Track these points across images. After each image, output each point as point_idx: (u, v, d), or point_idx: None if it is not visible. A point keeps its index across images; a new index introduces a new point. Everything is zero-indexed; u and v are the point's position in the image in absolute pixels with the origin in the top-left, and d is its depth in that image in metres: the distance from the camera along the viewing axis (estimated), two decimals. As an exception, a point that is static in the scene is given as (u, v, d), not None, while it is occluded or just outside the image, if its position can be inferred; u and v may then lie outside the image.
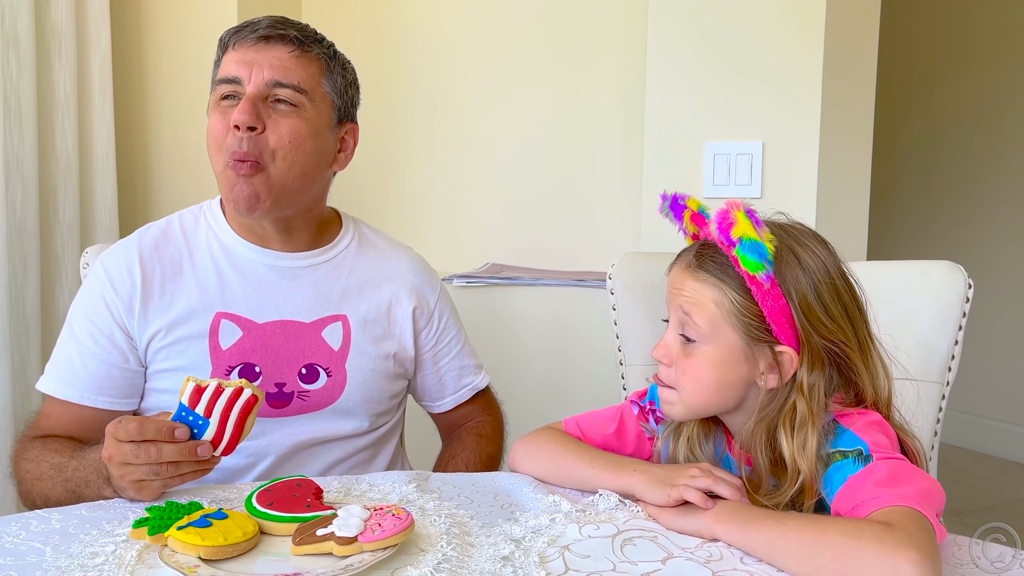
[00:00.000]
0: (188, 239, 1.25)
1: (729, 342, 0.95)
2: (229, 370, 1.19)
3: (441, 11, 2.45)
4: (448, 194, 2.49)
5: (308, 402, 1.22)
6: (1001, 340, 3.41)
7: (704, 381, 0.97)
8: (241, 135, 1.14)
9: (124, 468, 0.95)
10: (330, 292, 1.26)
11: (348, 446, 1.27)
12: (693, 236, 1.03)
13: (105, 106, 2.27)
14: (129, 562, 0.81)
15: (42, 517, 0.92)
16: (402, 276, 1.33)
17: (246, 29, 1.18)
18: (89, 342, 1.20)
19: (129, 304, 1.19)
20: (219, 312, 1.20)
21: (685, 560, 0.81)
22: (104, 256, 1.24)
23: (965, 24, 3.48)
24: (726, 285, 0.94)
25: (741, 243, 0.91)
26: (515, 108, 2.38)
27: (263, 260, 1.24)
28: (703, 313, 0.95)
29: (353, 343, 1.25)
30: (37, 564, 0.80)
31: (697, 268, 0.97)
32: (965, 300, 1.31)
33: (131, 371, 1.21)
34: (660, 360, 1.00)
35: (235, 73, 1.16)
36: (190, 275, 1.22)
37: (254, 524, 0.85)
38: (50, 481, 1.11)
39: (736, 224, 0.91)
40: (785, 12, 1.88)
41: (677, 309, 0.98)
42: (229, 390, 0.96)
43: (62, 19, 2.14)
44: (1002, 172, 3.43)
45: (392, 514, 0.83)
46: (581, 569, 0.79)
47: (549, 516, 0.90)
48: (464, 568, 0.79)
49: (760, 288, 0.92)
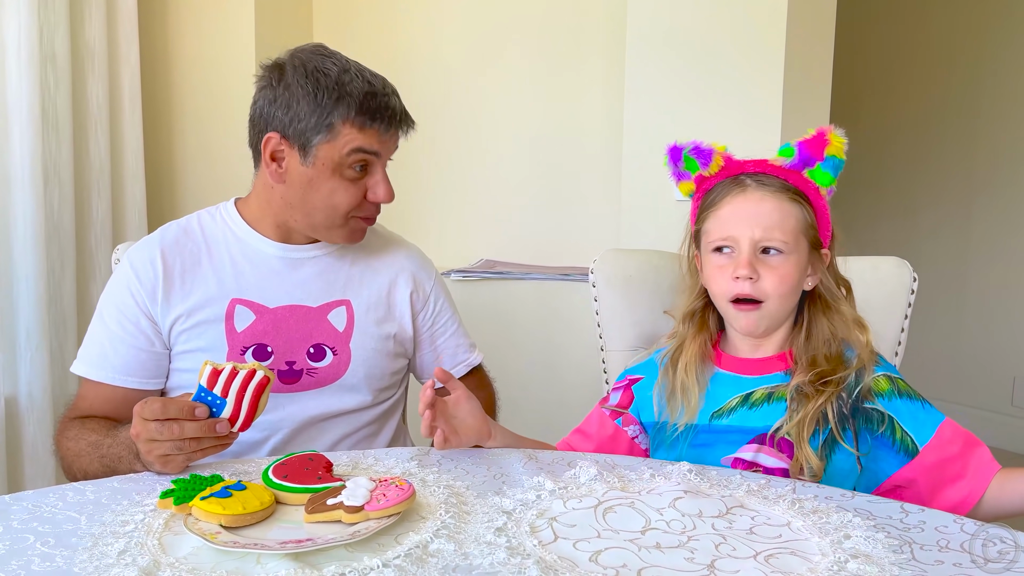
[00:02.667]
0: (206, 235, 1.26)
1: (803, 249, 1.03)
2: (244, 350, 1.20)
3: (438, 21, 2.44)
4: (445, 197, 2.48)
5: (316, 378, 1.23)
6: (942, 326, 3.42)
7: (793, 285, 1.03)
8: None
9: (150, 444, 0.94)
10: (335, 279, 1.27)
11: (354, 420, 1.27)
12: (702, 179, 1.07)
13: (134, 116, 2.26)
14: (157, 529, 0.80)
15: (77, 489, 0.91)
16: (400, 264, 1.34)
17: (389, 114, 1.19)
18: (118, 328, 1.20)
19: (152, 293, 1.19)
20: (234, 298, 1.21)
21: (663, 532, 0.81)
22: (130, 252, 1.24)
23: (908, 43, 3.49)
24: (804, 201, 1.03)
25: (827, 160, 0.96)
26: (504, 124, 2.37)
27: (274, 252, 1.25)
28: (786, 228, 1.01)
29: (356, 325, 1.26)
30: (73, 531, 0.79)
31: (773, 188, 1.03)
32: (911, 291, 1.31)
33: (156, 353, 1.21)
34: (749, 275, 1.02)
35: (377, 148, 1.19)
36: (208, 266, 1.22)
37: (270, 495, 0.85)
38: (88, 457, 1.11)
39: (832, 143, 0.99)
40: (749, 33, 1.87)
41: (752, 231, 1.02)
42: (243, 372, 0.96)
43: (95, 37, 2.13)
44: (941, 174, 3.44)
45: (396, 485, 0.83)
46: (569, 537, 0.79)
47: (536, 493, 0.90)
48: (461, 534, 0.79)
49: (822, 201, 1.02)
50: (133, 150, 2.26)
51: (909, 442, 1.00)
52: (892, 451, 1.01)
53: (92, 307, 2.16)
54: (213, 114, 2.45)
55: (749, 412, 1.05)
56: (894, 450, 1.01)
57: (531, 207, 2.36)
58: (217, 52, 2.43)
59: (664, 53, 1.96)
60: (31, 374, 1.95)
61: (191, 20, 2.44)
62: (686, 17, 1.92)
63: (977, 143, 3.32)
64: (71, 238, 2.06)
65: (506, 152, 2.38)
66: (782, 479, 0.96)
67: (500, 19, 2.36)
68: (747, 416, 1.05)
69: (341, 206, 1.19)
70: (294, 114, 1.15)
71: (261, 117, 1.19)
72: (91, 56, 2.12)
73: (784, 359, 1.07)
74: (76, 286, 2.10)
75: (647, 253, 1.46)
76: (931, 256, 3.45)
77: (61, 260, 2.04)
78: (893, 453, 1.01)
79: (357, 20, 2.56)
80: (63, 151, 2.03)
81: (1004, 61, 3.22)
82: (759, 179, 1.03)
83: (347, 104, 1.15)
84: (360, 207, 1.21)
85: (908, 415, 1.01)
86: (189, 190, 2.50)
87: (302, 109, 1.15)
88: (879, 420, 1.02)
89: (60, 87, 2.02)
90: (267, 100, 1.18)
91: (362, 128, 1.16)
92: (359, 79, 1.17)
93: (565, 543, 0.78)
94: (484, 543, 0.77)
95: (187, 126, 2.49)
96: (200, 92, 2.46)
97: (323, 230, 1.22)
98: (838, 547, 0.77)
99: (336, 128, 1.15)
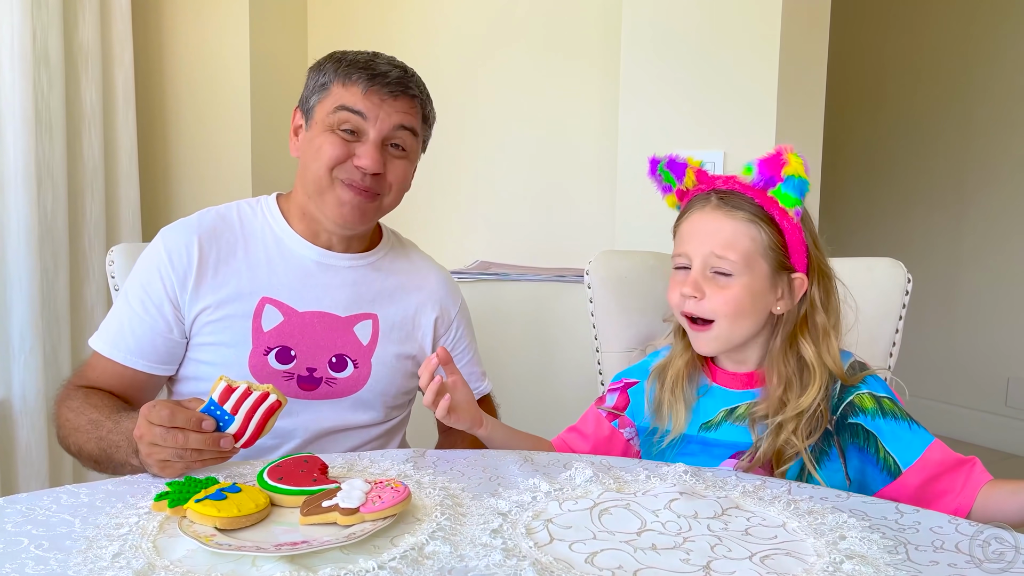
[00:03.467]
0: (244, 227, 1.24)
1: (760, 273, 0.99)
2: (268, 351, 1.19)
3: (432, 23, 2.44)
4: (441, 198, 2.48)
5: (334, 388, 1.22)
6: (936, 327, 3.43)
7: (742, 309, 1.00)
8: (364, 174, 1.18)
9: (152, 448, 0.94)
10: (366, 292, 1.26)
11: (364, 435, 1.27)
12: (683, 193, 1.05)
13: (128, 117, 2.25)
14: (151, 532, 0.79)
15: (71, 492, 0.90)
16: (430, 288, 1.33)
17: (372, 72, 1.17)
18: (140, 309, 1.18)
19: (183, 279, 1.18)
20: (264, 297, 1.20)
21: (659, 533, 0.81)
22: (166, 232, 1.22)
23: (905, 48, 3.50)
24: (761, 221, 0.99)
25: (788, 181, 0.94)
26: (500, 125, 2.37)
27: (311, 256, 1.24)
28: (739, 248, 0.98)
29: (380, 341, 1.25)
30: (67, 534, 0.79)
31: (730, 207, 1.00)
32: (905, 293, 1.32)
33: (173, 341, 1.19)
34: (692, 294, 1.00)
35: (360, 108, 1.17)
36: (243, 260, 1.21)
37: (266, 497, 0.85)
38: (86, 435, 1.10)
39: (789, 164, 0.95)
40: (745, 35, 1.87)
41: (706, 250, 1.00)
42: (256, 393, 0.96)
43: (88, 38, 2.12)
44: (933, 176, 3.46)
45: (391, 487, 0.82)
46: (564, 538, 0.79)
47: (531, 494, 0.90)
48: (457, 536, 0.79)
49: (791, 222, 0.98)
50: (127, 151, 2.25)
51: (892, 463, 0.99)
52: (876, 468, 1.01)
53: (86, 307, 2.18)
54: (208, 115, 2.44)
55: (732, 427, 1.05)
56: (878, 468, 1.01)
57: (526, 208, 2.36)
58: (212, 53, 2.42)
59: (659, 54, 1.96)
60: (24, 376, 1.94)
61: (185, 20, 2.43)
62: (681, 18, 1.92)
63: (969, 146, 3.34)
64: (64, 240, 2.05)
65: (502, 153, 2.38)
66: (778, 480, 0.96)
67: (495, 19, 2.35)
68: (731, 431, 1.05)
69: (324, 158, 1.17)
70: (306, 86, 1.23)
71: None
72: (85, 57, 2.11)
73: (760, 378, 1.06)
74: (69, 288, 2.09)
75: (642, 254, 1.46)
76: (924, 258, 3.46)
77: (54, 262, 2.03)
78: (878, 471, 1.01)
79: (352, 21, 2.56)
80: (56, 152, 2.02)
81: (996, 65, 3.23)
82: (724, 197, 1.01)
83: (342, 65, 1.19)
84: (343, 167, 1.18)
85: (891, 436, 1.00)
86: (183, 191, 2.49)
87: (311, 80, 1.22)
88: (864, 436, 1.01)
89: (53, 88, 2.01)
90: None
91: (345, 84, 1.17)
92: (369, 54, 1.21)
93: (561, 544, 0.78)
94: (480, 545, 0.77)
95: (181, 127, 2.48)
96: (195, 93, 2.45)
97: (316, 197, 1.19)
98: (833, 548, 0.77)
99: (328, 87, 1.19)
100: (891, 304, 1.31)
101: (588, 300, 1.45)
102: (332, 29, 2.57)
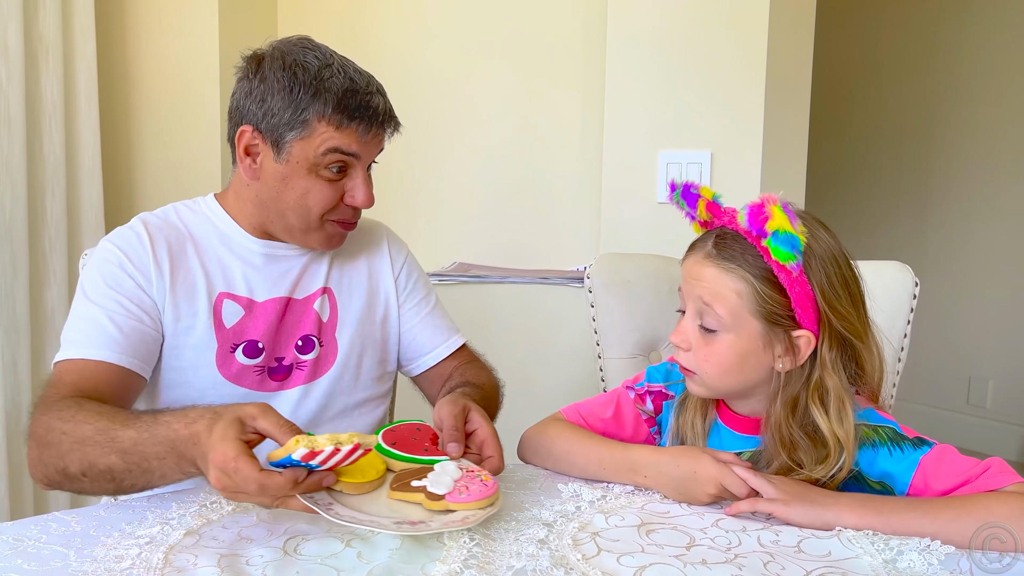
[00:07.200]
0: (188, 227, 1.18)
1: (750, 330, 0.90)
2: (234, 348, 1.12)
3: (409, 19, 2.36)
4: (416, 198, 2.41)
5: (305, 372, 1.17)
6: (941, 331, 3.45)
7: (726, 367, 0.92)
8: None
9: (235, 495, 0.80)
10: (317, 269, 1.21)
11: (347, 415, 1.22)
12: (704, 224, 0.97)
13: (91, 112, 2.14)
14: (157, 565, 0.72)
15: (60, 519, 0.82)
16: (372, 243, 1.30)
17: (370, 113, 1.10)
18: (119, 308, 1.07)
19: (146, 273, 1.10)
20: (222, 292, 1.14)
21: (709, 548, 0.77)
22: (111, 236, 1.13)
23: (892, 50, 3.54)
24: (750, 274, 0.89)
25: (775, 235, 0.86)
26: (481, 116, 2.31)
27: (259, 249, 1.18)
28: (725, 303, 0.90)
29: (339, 313, 1.22)
30: (63, 568, 0.71)
31: (719, 258, 0.91)
32: (913, 297, 1.30)
33: (156, 337, 1.10)
34: (679, 345, 0.95)
35: (355, 150, 1.10)
36: (194, 257, 1.15)
37: (383, 463, 0.86)
38: (99, 448, 0.90)
39: (772, 218, 0.86)
40: (731, 37, 1.85)
41: (696, 298, 0.92)
42: (346, 447, 0.79)
43: (49, 29, 2.01)
44: (897, 181, 3.50)
45: (481, 479, 0.81)
46: (613, 550, 0.77)
47: (574, 504, 0.86)
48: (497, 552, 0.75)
49: (789, 276, 0.88)
50: (89, 148, 2.13)
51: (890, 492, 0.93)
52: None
53: (46, 313, 2.06)
54: (174, 111, 2.33)
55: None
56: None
57: (506, 209, 2.30)
58: (179, 47, 2.31)
59: (645, 53, 1.92)
60: (-19, 386, 1.82)
61: (151, 12, 2.32)
62: (668, 16, 1.89)
63: (932, 148, 3.40)
64: (24, 240, 1.94)
65: (480, 153, 2.32)
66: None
67: (475, 17, 2.29)
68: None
69: (315, 207, 1.11)
70: (268, 108, 1.09)
71: (237, 110, 1.13)
72: (45, 49, 2.00)
73: (760, 426, 0.99)
74: (29, 291, 1.97)
75: (647, 257, 1.42)
76: (888, 258, 3.50)
77: (13, 264, 1.91)
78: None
79: (324, 16, 2.47)
80: (15, 149, 1.90)
81: (959, 67, 3.29)
82: (721, 244, 0.92)
83: (324, 100, 1.07)
84: (336, 210, 1.13)
85: (872, 468, 0.93)
86: (148, 190, 2.37)
87: (276, 103, 1.08)
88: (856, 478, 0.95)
89: (12, 81, 1.90)
90: (243, 92, 1.12)
91: (339, 127, 1.08)
92: (340, 75, 1.09)
93: (608, 557, 0.75)
94: (526, 556, 0.75)
95: (146, 123, 2.36)
96: (160, 88, 2.34)
97: (298, 233, 1.15)
98: (892, 568, 0.74)
99: (311, 125, 1.08)
100: (899, 309, 1.30)
101: (589, 305, 1.40)
102: (304, 21, 2.47)
